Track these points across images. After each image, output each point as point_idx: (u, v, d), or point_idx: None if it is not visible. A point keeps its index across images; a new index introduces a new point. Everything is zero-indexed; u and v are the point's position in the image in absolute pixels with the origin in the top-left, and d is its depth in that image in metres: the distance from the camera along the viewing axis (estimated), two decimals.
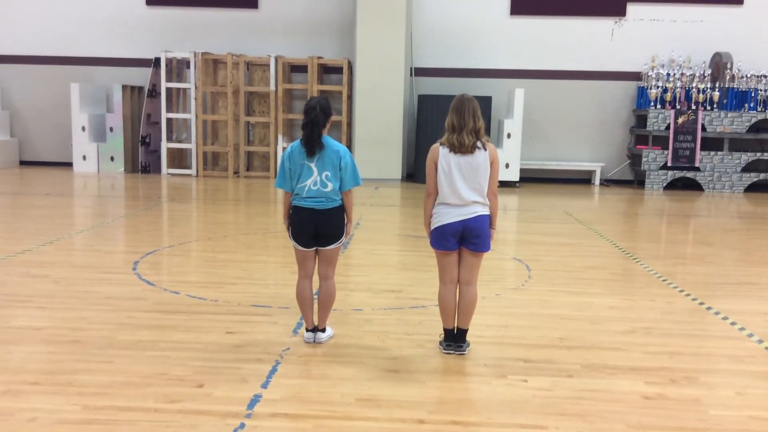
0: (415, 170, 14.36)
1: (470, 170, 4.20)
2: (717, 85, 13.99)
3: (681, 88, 14.10)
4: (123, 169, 14.55)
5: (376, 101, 13.74)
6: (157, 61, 14.38)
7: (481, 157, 4.21)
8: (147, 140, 14.57)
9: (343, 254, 7.19)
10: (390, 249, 7.95)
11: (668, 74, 14.18)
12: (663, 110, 13.91)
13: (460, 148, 4.19)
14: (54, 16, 15.04)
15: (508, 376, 4.06)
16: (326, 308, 4.55)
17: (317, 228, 4.34)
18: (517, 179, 13.78)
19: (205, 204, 11.29)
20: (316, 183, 4.29)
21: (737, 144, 14.16)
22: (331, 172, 4.29)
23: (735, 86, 14.00)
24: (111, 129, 14.51)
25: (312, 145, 4.25)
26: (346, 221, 4.45)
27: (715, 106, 13.94)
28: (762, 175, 14.01)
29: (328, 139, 4.32)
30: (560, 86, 14.74)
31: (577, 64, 14.70)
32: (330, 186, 4.30)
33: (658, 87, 14.07)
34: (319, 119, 4.23)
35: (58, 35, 15.07)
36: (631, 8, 14.60)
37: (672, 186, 14.14)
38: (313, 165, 4.28)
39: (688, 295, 6.00)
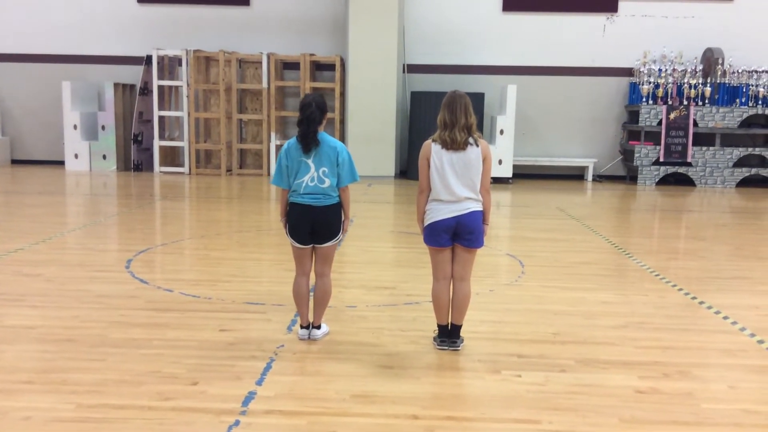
0: (409, 167, 14.35)
1: (463, 167, 4.20)
2: (708, 81, 14.03)
3: (673, 83, 14.13)
4: (115, 167, 14.50)
5: (368, 98, 13.72)
6: (149, 58, 14.32)
7: (473, 153, 4.21)
8: (139, 138, 14.53)
9: (337, 251, 7.19)
10: (384, 246, 7.95)
11: (660, 70, 14.22)
12: (655, 106, 13.95)
13: (452, 145, 4.19)
14: (45, 14, 14.95)
15: (502, 371, 4.08)
16: (322, 305, 4.55)
17: (314, 225, 4.34)
18: (510, 175, 13.80)
19: (198, 202, 11.27)
20: (314, 179, 4.30)
21: (729, 139, 14.21)
22: (328, 168, 4.30)
23: (726, 81, 14.04)
24: (103, 127, 14.44)
25: (308, 142, 4.26)
26: (343, 218, 4.46)
27: (706, 101, 13.98)
28: (754, 170, 14.07)
29: (324, 135, 4.33)
30: (553, 82, 14.76)
31: (570, 60, 14.72)
32: (327, 182, 4.31)
33: (649, 83, 14.11)
34: (315, 116, 4.25)
35: (49, 33, 14.99)
36: (622, 4, 14.62)
37: (664, 181, 14.18)
38: (310, 161, 4.29)
39: (680, 289, 6.03)
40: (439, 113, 4.27)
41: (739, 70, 14.06)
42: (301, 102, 4.32)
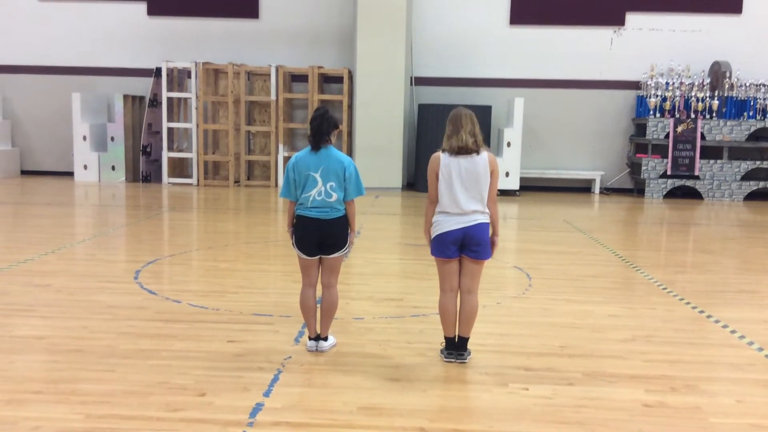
0: (416, 179, 14.38)
1: (470, 177, 4.22)
2: (716, 94, 14.03)
3: (680, 96, 14.13)
4: (124, 178, 14.58)
5: (376, 110, 13.77)
6: (159, 70, 14.43)
7: (481, 160, 4.23)
8: (148, 150, 14.61)
9: (344, 263, 7.21)
10: (391, 257, 7.97)
11: (667, 83, 14.22)
12: (662, 119, 13.94)
13: (460, 151, 4.22)
14: (55, 26, 15.10)
15: (509, 384, 4.08)
16: (329, 317, 4.57)
17: (321, 237, 4.38)
18: (517, 188, 13.80)
19: (206, 213, 11.31)
20: (321, 193, 4.34)
21: (737, 152, 14.19)
22: (335, 182, 4.35)
23: (734, 95, 14.04)
24: (112, 138, 14.54)
25: (318, 140, 4.33)
26: (349, 230, 4.49)
27: (714, 114, 13.98)
28: (761, 184, 14.03)
29: (332, 149, 4.39)
30: (560, 95, 14.79)
31: (577, 73, 14.75)
32: (334, 196, 4.35)
33: (657, 96, 14.11)
34: (323, 127, 4.34)
35: (59, 45, 15.13)
36: (630, 17, 14.66)
37: (671, 194, 14.16)
38: (317, 175, 4.34)
39: (688, 303, 6.01)
40: (446, 129, 4.32)
41: (747, 84, 14.05)
42: (313, 114, 4.43)
